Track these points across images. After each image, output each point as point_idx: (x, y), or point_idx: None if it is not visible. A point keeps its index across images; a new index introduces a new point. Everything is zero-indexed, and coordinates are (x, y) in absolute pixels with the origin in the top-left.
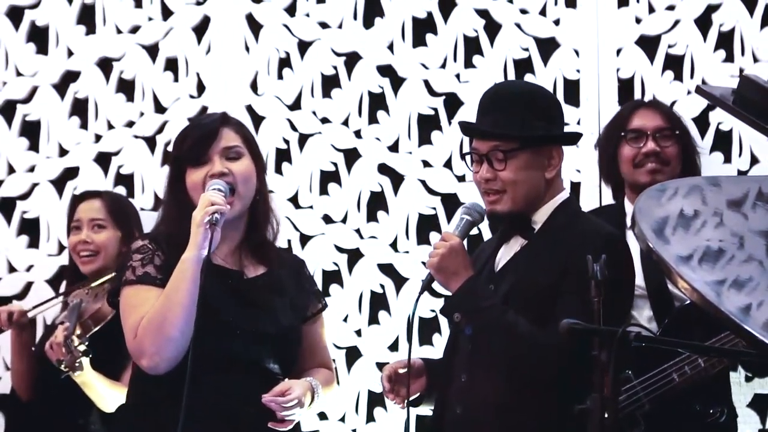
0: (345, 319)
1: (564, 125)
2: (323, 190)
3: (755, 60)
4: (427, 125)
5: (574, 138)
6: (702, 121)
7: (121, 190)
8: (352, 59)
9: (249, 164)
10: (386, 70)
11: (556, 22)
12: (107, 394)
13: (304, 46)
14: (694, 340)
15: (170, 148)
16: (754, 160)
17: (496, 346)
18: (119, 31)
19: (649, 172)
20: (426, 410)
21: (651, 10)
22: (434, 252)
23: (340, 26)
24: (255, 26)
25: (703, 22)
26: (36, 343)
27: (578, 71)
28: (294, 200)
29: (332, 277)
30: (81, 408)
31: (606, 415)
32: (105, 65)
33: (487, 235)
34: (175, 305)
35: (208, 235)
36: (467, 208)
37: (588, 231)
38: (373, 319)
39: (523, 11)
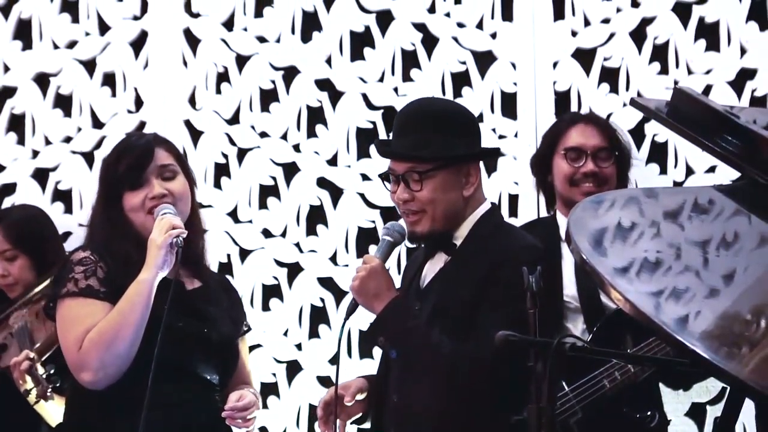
0: (285, 333)
1: (480, 141)
2: (262, 204)
3: (689, 72)
4: (366, 139)
5: (491, 154)
6: (638, 133)
7: (59, 206)
8: (290, 73)
9: (184, 182)
10: (324, 84)
11: (493, 36)
12: (58, 411)
13: (242, 61)
14: (624, 346)
15: (100, 172)
16: (689, 171)
17: (422, 366)
18: (56, 47)
19: (584, 193)
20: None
21: (587, 23)
22: (356, 276)
23: (278, 40)
24: (193, 41)
25: (638, 35)
26: None
27: (515, 84)
28: (233, 214)
29: (272, 291)
30: (30, 424)
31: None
32: (42, 81)
33: None
34: (129, 324)
35: (168, 258)
36: (387, 229)
37: (508, 244)
38: (314, 333)
39: (461, 25)
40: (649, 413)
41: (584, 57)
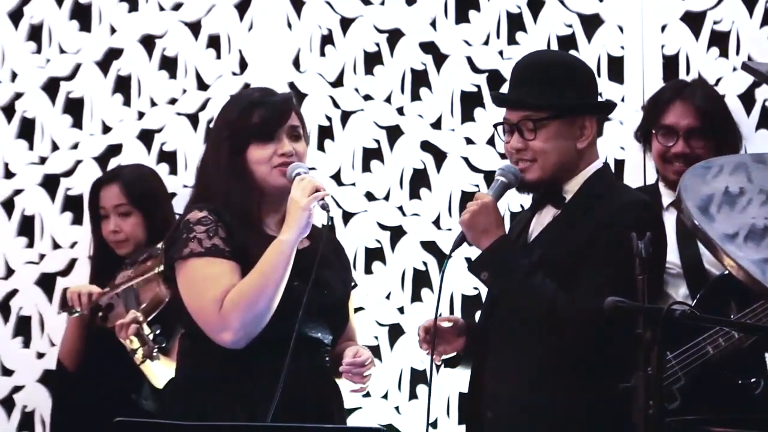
0: (388, 297)
1: (597, 95)
2: (366, 168)
3: None
4: (470, 102)
5: (607, 107)
6: (748, 98)
7: (164, 168)
8: (394, 36)
9: (305, 146)
10: (429, 47)
11: None
12: (161, 371)
13: (346, 23)
14: (729, 312)
15: (223, 121)
16: None
17: (522, 307)
18: (162, 9)
19: (676, 172)
20: (462, 374)
21: None
22: (467, 210)
23: (382, 3)
24: (297, 3)
25: None
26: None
27: (622, 48)
28: (336, 177)
29: (375, 254)
30: (133, 382)
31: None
32: (148, 42)
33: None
34: (270, 285)
35: (310, 221)
36: (502, 169)
37: (620, 202)
38: (416, 297)
39: None
40: (753, 380)
41: (693, 20)
